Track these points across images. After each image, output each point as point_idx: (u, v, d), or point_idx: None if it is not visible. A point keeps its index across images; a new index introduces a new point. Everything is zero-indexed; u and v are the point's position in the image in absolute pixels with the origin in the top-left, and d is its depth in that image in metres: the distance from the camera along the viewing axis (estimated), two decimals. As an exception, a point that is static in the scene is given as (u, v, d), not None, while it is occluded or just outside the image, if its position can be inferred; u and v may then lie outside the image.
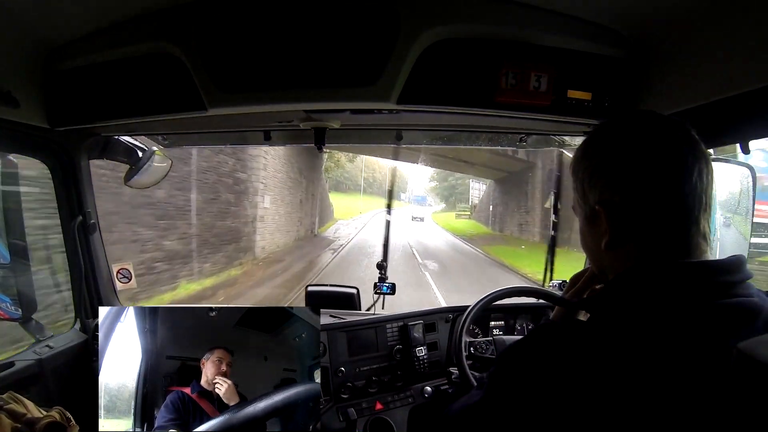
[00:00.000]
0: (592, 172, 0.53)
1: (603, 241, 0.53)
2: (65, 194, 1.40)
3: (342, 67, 0.96)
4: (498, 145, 1.57)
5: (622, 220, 0.51)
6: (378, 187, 58.87)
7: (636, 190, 0.50)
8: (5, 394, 0.80)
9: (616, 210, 0.51)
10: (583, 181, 0.55)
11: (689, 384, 0.42)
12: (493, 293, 1.36)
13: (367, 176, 55.24)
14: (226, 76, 0.99)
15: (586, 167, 0.55)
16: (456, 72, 0.98)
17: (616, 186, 0.51)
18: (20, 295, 1.29)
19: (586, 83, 1.02)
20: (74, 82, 1.14)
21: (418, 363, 1.47)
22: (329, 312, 1.61)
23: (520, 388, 0.50)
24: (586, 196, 0.55)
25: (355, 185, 52.13)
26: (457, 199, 46.18)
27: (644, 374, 0.43)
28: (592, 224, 0.55)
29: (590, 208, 0.54)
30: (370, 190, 56.97)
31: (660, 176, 0.49)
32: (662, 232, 0.49)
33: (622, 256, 0.52)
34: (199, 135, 1.53)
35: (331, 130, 1.26)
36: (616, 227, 0.51)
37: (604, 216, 0.52)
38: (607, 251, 0.53)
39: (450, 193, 50.04)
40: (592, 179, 0.53)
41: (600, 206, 0.52)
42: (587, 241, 0.58)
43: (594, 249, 0.57)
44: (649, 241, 0.50)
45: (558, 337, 0.51)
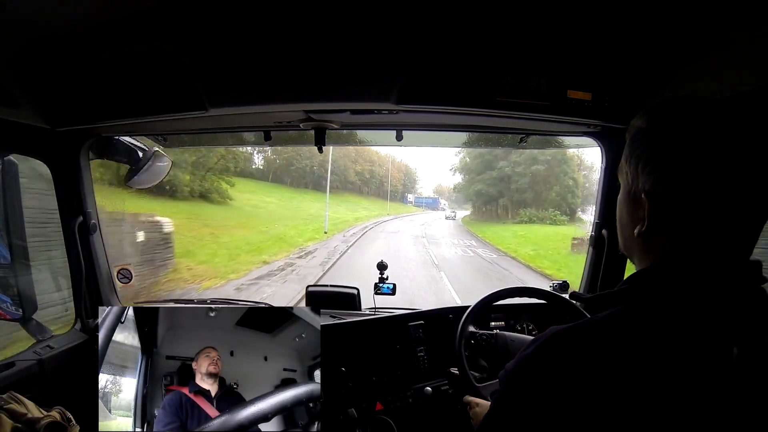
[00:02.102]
0: (650, 157, 0.50)
1: (637, 227, 0.51)
2: (65, 194, 1.40)
3: (342, 67, 0.96)
4: (498, 145, 1.57)
5: (663, 216, 0.49)
6: (377, 187, 45.46)
7: (690, 196, 0.47)
8: (6, 394, 0.80)
9: (661, 204, 0.48)
10: (639, 157, 0.51)
11: (724, 390, 0.41)
12: (493, 293, 1.36)
13: (362, 169, 40.69)
14: (226, 76, 0.99)
15: (647, 148, 0.51)
16: (456, 72, 0.98)
17: (670, 184, 0.48)
18: (20, 295, 1.29)
19: (587, 83, 1.02)
20: (74, 83, 1.14)
21: (419, 363, 1.47)
22: (329, 312, 1.61)
23: (541, 404, 0.46)
24: (636, 175, 0.51)
25: (343, 183, 38.46)
26: (515, 199, 26.66)
27: (676, 378, 0.42)
28: (632, 205, 0.53)
29: (636, 190, 0.51)
30: (366, 189, 43.19)
31: (716, 180, 0.45)
32: (706, 233, 0.47)
33: (651, 247, 0.51)
34: (199, 135, 1.53)
35: (331, 130, 1.26)
36: (655, 220, 0.49)
37: (648, 205, 0.49)
38: (637, 237, 0.52)
39: (498, 189, 27.40)
40: (648, 164, 0.50)
41: (646, 196, 0.49)
42: (622, 218, 0.57)
43: (626, 227, 0.55)
44: (687, 240, 0.48)
45: (573, 339, 0.48)
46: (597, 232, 1.41)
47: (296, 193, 29.13)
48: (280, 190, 27.95)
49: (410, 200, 52.27)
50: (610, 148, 1.31)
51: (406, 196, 52.02)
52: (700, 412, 0.41)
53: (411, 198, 52.98)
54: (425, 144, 1.59)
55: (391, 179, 47.91)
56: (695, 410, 0.41)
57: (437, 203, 53.36)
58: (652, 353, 0.43)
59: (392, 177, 48.38)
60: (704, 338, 0.43)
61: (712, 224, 0.46)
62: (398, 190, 51.31)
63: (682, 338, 0.43)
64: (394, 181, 49.29)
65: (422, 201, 53.76)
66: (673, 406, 0.41)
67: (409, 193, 53.56)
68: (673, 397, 0.41)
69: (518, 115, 1.04)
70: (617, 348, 0.44)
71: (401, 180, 52.27)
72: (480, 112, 1.03)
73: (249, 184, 24.07)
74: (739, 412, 0.41)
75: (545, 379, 0.47)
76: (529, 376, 0.49)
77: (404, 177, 52.91)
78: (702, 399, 0.41)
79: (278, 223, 16.83)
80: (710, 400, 0.41)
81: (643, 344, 0.44)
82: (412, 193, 54.21)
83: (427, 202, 53.14)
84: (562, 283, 1.55)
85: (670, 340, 0.43)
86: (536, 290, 1.42)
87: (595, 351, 0.45)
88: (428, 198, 55.95)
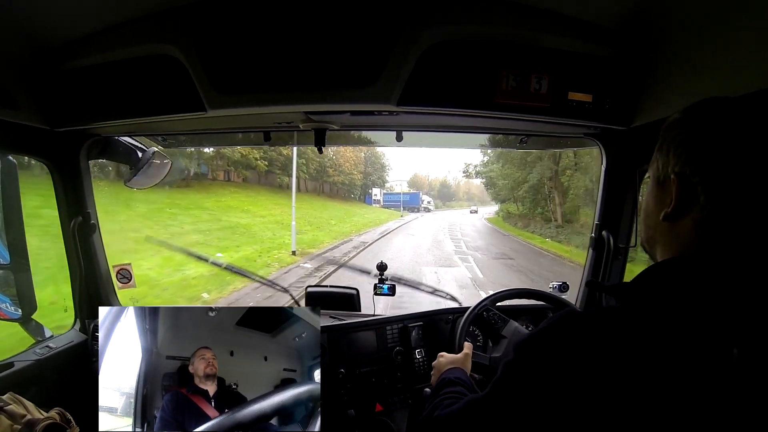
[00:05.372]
0: (682, 141, 0.51)
1: (664, 210, 0.52)
2: (65, 195, 1.40)
3: (342, 68, 0.96)
4: (499, 146, 1.57)
5: (690, 199, 0.49)
6: (313, 178, 28.62)
7: (719, 179, 0.47)
8: (5, 395, 0.80)
9: (689, 187, 0.49)
10: (671, 143, 0.52)
11: (731, 390, 0.41)
12: (493, 294, 1.36)
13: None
14: (225, 77, 0.99)
15: (680, 132, 0.52)
16: (456, 74, 0.98)
17: (700, 166, 0.48)
18: (20, 295, 1.29)
19: (587, 85, 1.02)
20: (74, 83, 1.14)
21: (418, 365, 1.47)
22: (329, 313, 1.61)
23: (548, 377, 0.48)
24: (667, 159, 0.52)
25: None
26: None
27: (693, 374, 0.41)
28: (660, 189, 0.54)
29: (666, 174, 0.52)
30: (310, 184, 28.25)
31: (747, 171, 0.46)
32: (732, 221, 0.47)
33: (676, 232, 0.51)
34: (198, 136, 1.53)
35: (331, 131, 1.26)
36: (683, 203, 0.50)
37: (676, 188, 0.50)
38: (663, 221, 0.52)
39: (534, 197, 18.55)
40: (680, 147, 0.51)
41: (676, 177, 0.50)
42: (648, 207, 0.57)
43: (652, 215, 0.55)
44: (713, 226, 0.48)
45: (589, 323, 0.48)
46: (597, 233, 1.41)
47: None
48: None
49: (376, 198, 36.01)
50: (610, 150, 1.32)
51: (369, 194, 35.45)
52: (701, 411, 0.41)
53: (377, 195, 36.39)
54: (425, 145, 1.59)
55: (342, 167, 30.59)
56: (696, 408, 0.41)
57: (417, 201, 39.60)
58: (661, 348, 0.43)
59: (343, 164, 30.81)
60: (721, 334, 0.43)
61: (739, 212, 0.46)
62: (355, 184, 33.11)
63: (700, 334, 0.43)
64: (346, 169, 31.43)
65: (394, 199, 37.81)
66: (675, 404, 0.41)
67: (375, 188, 36.46)
68: (675, 395, 0.41)
69: (519, 117, 1.04)
70: (626, 340, 0.44)
71: (359, 167, 33.71)
72: (481, 114, 1.03)
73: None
74: (739, 412, 0.41)
75: (553, 355, 0.48)
76: (540, 347, 0.50)
77: (365, 165, 35.29)
78: (706, 398, 0.41)
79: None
80: (713, 400, 0.41)
81: (653, 339, 0.44)
82: (379, 188, 37.16)
83: (404, 201, 38.32)
84: (562, 284, 1.55)
85: (689, 335, 0.43)
86: (537, 292, 1.42)
87: (604, 339, 0.46)
88: (405, 194, 40.97)
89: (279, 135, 1.42)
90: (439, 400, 0.76)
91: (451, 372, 0.92)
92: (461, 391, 0.81)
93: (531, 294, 1.41)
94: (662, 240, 0.54)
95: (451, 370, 0.94)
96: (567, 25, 0.96)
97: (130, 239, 6.70)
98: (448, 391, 0.80)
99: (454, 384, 0.85)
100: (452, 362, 1.00)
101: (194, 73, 0.99)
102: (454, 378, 0.87)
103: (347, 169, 31.70)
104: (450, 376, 0.88)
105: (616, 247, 1.34)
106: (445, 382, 0.86)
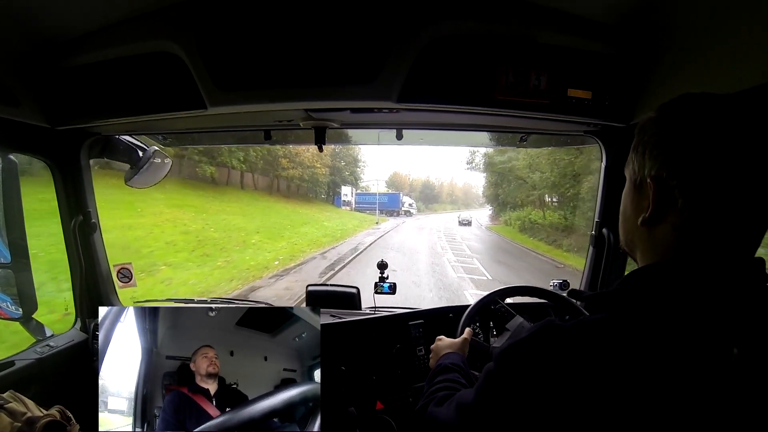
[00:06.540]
0: (658, 142, 0.50)
1: (641, 215, 0.51)
2: (65, 194, 1.40)
3: (342, 65, 0.95)
4: (498, 144, 1.57)
5: (668, 203, 0.48)
6: (301, 180, 23.40)
7: (696, 182, 0.46)
8: (6, 393, 0.80)
9: (666, 191, 0.48)
10: (646, 144, 0.51)
11: (727, 393, 0.40)
12: (494, 291, 1.36)
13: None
14: (226, 75, 0.99)
15: (655, 133, 0.50)
16: (456, 70, 0.98)
17: (677, 169, 0.47)
18: (21, 295, 1.29)
19: (587, 82, 1.01)
20: (75, 82, 1.14)
21: (419, 362, 1.46)
22: (330, 311, 1.60)
23: (526, 388, 0.48)
24: (643, 161, 0.51)
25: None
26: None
27: (675, 381, 0.41)
28: (637, 193, 0.53)
29: (642, 177, 0.51)
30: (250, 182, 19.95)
31: (725, 174, 0.45)
32: (711, 225, 0.46)
33: (655, 237, 0.50)
34: (199, 134, 1.53)
35: (331, 129, 1.26)
36: (660, 208, 0.49)
37: (654, 193, 0.49)
38: (641, 226, 0.51)
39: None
40: (656, 149, 0.50)
41: (653, 181, 0.49)
42: (625, 210, 0.56)
43: (630, 219, 0.54)
44: (692, 231, 0.47)
45: (569, 336, 0.47)
46: (597, 231, 1.41)
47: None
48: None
49: (347, 200, 29.20)
50: (610, 147, 1.31)
51: (338, 194, 28.73)
52: (700, 411, 0.41)
53: (348, 196, 29.37)
54: (425, 143, 1.59)
55: (300, 157, 21.90)
56: (696, 408, 0.41)
57: (396, 203, 33.32)
58: (645, 358, 0.43)
59: (302, 153, 21.66)
60: (705, 340, 0.42)
61: (718, 216, 0.46)
62: (318, 180, 25.47)
63: (682, 342, 0.43)
64: (305, 161, 22.64)
65: (369, 200, 31.20)
66: (674, 405, 0.41)
67: (346, 186, 29.41)
68: (666, 403, 0.41)
69: (518, 114, 1.04)
70: (610, 352, 0.44)
71: (325, 159, 25.53)
72: (480, 111, 1.03)
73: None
74: (739, 412, 0.40)
75: (531, 367, 0.48)
76: (518, 359, 0.51)
77: (332, 158, 27.80)
78: (701, 404, 0.41)
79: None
80: (710, 404, 0.41)
81: (637, 349, 0.43)
82: (350, 185, 29.92)
83: (381, 202, 31.81)
84: (563, 282, 1.55)
85: (668, 344, 0.43)
86: (537, 289, 1.41)
87: (585, 352, 0.45)
88: (382, 195, 34.07)
89: (278, 133, 1.42)
90: (434, 389, 0.78)
91: (447, 357, 0.94)
92: (456, 378, 0.83)
93: (543, 294, 1.41)
94: (641, 245, 0.53)
95: (448, 355, 0.95)
96: (566, 22, 0.96)
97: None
98: (443, 379, 0.82)
99: (450, 370, 0.86)
100: (450, 346, 1.02)
101: (195, 70, 0.99)
102: (450, 364, 0.89)
103: (307, 161, 22.81)
104: (446, 362, 0.90)
105: (617, 244, 1.34)
106: (441, 369, 0.88)
